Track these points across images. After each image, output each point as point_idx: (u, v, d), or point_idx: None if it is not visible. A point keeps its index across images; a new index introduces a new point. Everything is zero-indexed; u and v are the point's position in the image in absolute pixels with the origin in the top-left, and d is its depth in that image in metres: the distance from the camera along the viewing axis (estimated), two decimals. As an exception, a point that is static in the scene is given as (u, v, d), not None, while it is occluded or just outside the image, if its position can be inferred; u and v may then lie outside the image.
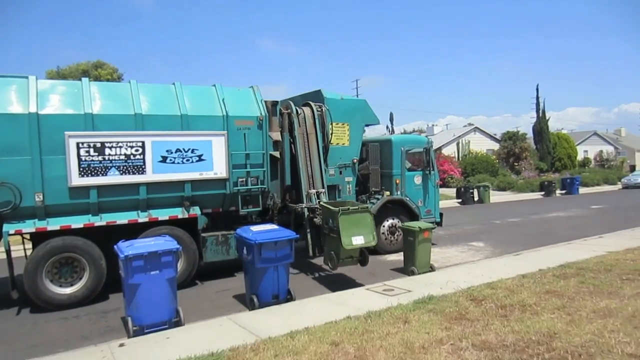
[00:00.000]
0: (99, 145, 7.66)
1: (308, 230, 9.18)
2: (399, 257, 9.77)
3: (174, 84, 8.73)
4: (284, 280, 6.98)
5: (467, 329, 5.27)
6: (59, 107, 7.56)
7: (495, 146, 43.85)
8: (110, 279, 7.59)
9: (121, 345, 5.34)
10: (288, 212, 9.92)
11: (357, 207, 7.84)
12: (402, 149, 11.25)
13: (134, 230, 7.84)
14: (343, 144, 10.52)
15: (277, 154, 9.63)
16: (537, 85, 42.35)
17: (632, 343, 4.74)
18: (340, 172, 10.49)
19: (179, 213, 8.37)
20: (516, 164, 38.91)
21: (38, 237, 7.47)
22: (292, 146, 9.81)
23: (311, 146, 9.84)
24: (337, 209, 7.62)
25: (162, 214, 8.25)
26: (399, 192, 11.11)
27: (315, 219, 9.03)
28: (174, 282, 6.16)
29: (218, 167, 8.63)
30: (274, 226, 7.55)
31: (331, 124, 10.09)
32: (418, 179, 11.48)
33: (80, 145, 7.52)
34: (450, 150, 41.29)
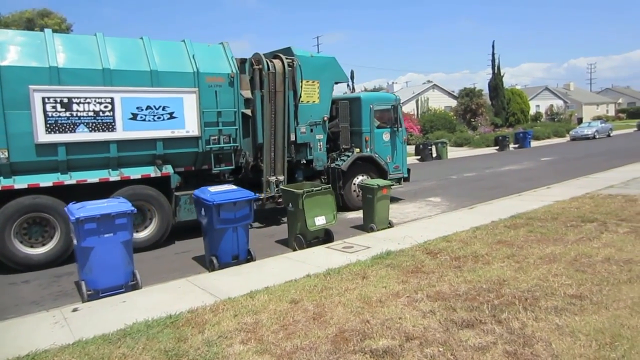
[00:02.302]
0: (66, 100, 7.43)
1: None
2: (358, 214, 9.91)
3: (142, 38, 8.41)
4: (244, 240, 6.93)
5: (423, 281, 5.45)
6: (22, 59, 7.22)
7: (453, 103, 44.54)
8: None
9: (75, 310, 5.21)
10: (260, 170, 9.89)
11: (320, 188, 7.84)
12: (371, 106, 11.36)
13: (105, 189, 7.73)
14: (313, 101, 10.46)
15: (248, 111, 9.51)
16: (493, 42, 43.12)
17: (574, 285, 5.06)
18: (311, 130, 10.47)
19: (152, 172, 8.28)
20: (473, 120, 39.80)
21: (3, 196, 7.20)
22: (262, 103, 9.64)
23: (277, 106, 9.67)
24: (301, 191, 7.57)
25: (134, 173, 8.14)
26: (368, 149, 11.28)
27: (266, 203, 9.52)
28: (130, 244, 5.98)
29: (190, 125, 8.52)
30: (232, 186, 7.43)
31: (302, 81, 9.97)
32: (386, 136, 11.67)
33: (46, 100, 7.27)
34: (409, 108, 41.61)
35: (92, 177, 7.75)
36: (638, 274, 5.25)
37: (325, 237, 7.97)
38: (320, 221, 7.65)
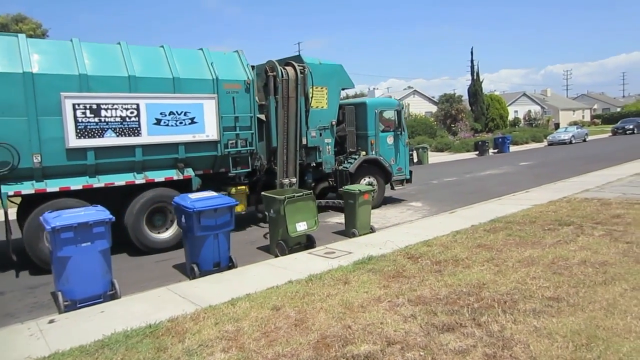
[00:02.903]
0: (94, 106, 7.69)
1: None
2: (341, 219, 9.94)
3: (162, 46, 8.72)
4: (225, 247, 6.88)
5: (404, 286, 5.48)
6: (53, 67, 7.47)
7: (434, 108, 45.16)
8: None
9: (51, 321, 5.08)
10: (273, 173, 10.10)
11: (301, 194, 7.88)
12: (376, 111, 11.79)
13: (130, 192, 8.12)
14: (322, 107, 10.86)
15: (262, 116, 9.85)
16: (472, 49, 43.88)
17: (551, 287, 5.15)
18: (321, 134, 10.87)
19: (174, 175, 8.61)
20: (453, 125, 40.36)
21: (32, 200, 7.35)
22: (276, 108, 9.94)
23: (290, 111, 10.02)
24: (283, 197, 7.63)
25: (158, 176, 8.40)
26: (373, 152, 11.68)
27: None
28: (108, 253, 5.87)
29: (209, 130, 8.86)
30: (213, 193, 7.38)
31: (312, 87, 10.29)
32: (390, 139, 12.10)
33: (77, 106, 7.53)
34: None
35: (119, 180, 8.03)
36: (613, 276, 5.38)
37: (307, 242, 7.97)
38: (301, 227, 7.66)
